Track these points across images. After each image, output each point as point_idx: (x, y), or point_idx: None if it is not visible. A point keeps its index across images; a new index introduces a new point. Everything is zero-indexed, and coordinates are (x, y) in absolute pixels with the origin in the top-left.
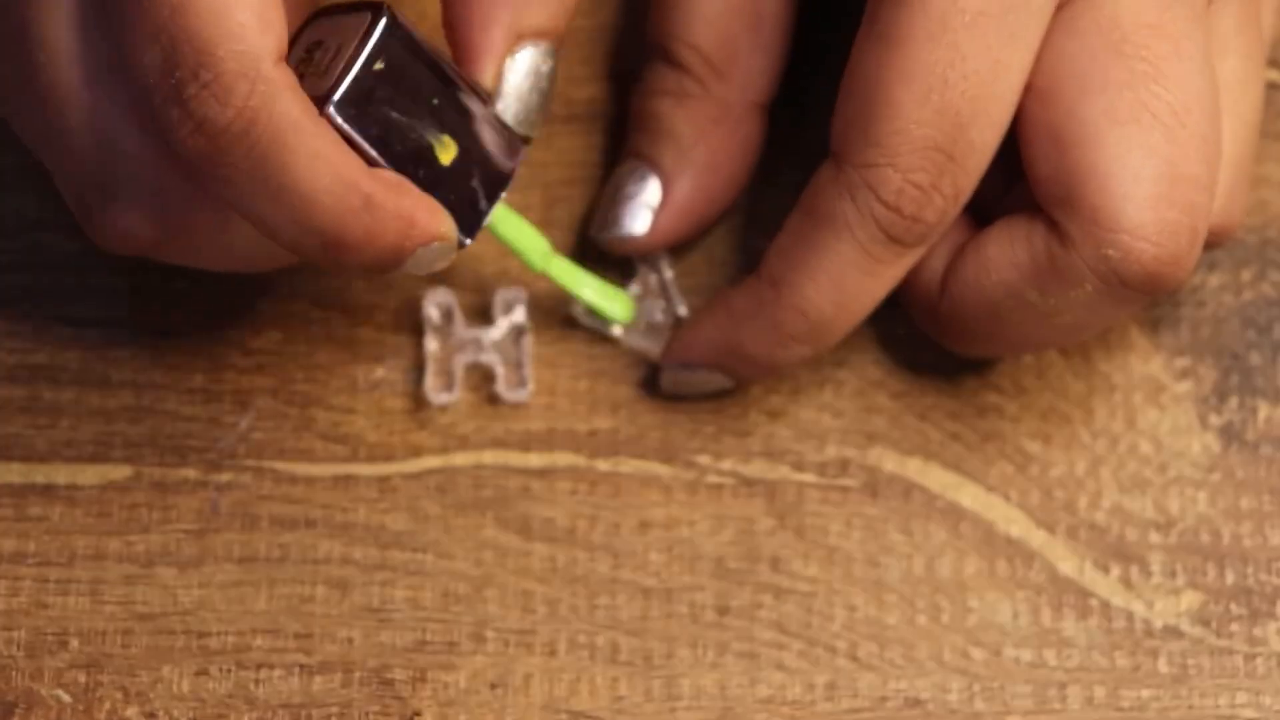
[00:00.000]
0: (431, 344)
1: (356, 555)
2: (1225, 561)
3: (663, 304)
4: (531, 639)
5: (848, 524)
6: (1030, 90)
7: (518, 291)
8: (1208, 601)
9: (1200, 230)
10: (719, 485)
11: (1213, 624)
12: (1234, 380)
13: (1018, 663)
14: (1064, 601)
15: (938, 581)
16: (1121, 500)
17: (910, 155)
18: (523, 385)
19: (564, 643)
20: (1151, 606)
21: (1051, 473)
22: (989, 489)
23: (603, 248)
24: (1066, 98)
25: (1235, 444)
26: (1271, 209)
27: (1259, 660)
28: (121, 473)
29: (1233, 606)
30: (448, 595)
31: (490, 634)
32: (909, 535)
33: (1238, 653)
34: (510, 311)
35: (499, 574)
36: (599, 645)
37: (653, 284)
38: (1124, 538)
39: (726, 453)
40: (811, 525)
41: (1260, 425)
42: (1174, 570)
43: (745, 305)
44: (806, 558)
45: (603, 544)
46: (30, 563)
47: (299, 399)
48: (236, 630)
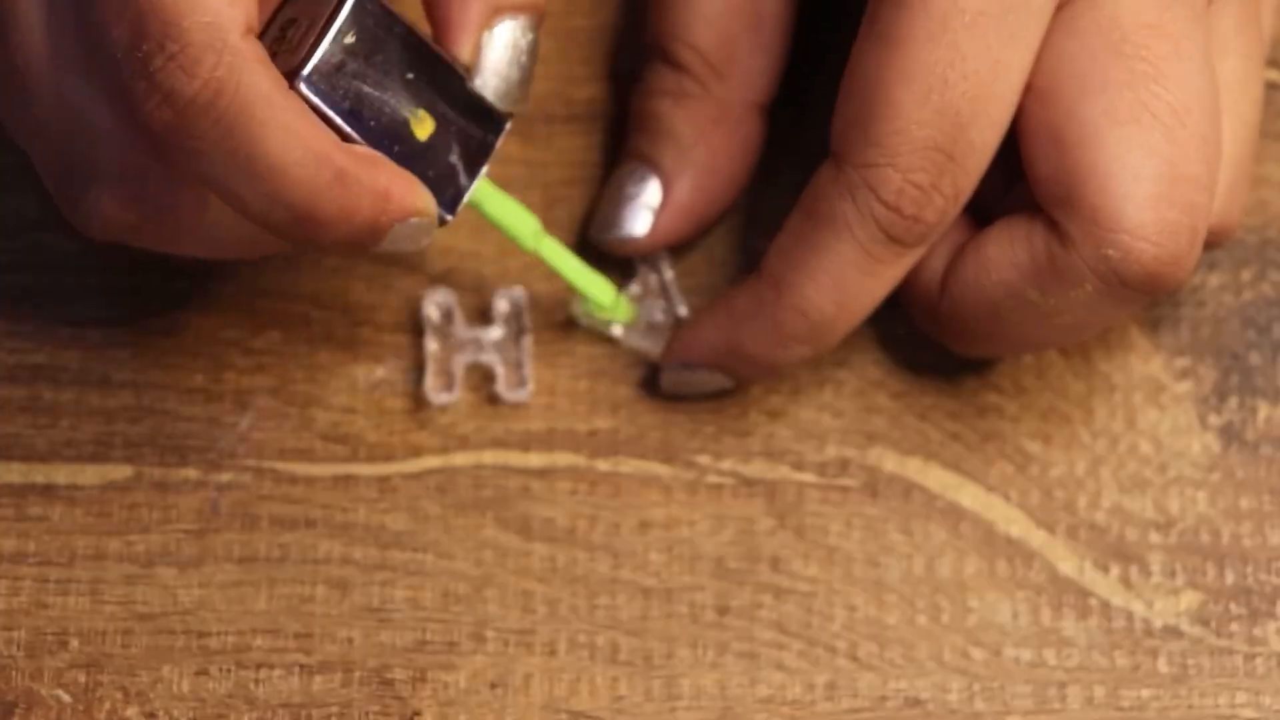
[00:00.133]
0: (431, 344)
1: (356, 555)
2: (1225, 561)
3: (663, 304)
4: (531, 639)
5: (848, 524)
6: (1030, 90)
7: (518, 291)
8: (1207, 601)
9: (1200, 230)
10: (719, 485)
11: (1212, 624)
12: (1234, 380)
13: (1018, 663)
14: (1064, 601)
15: (938, 581)
16: (1121, 500)
17: (910, 155)
18: (523, 385)
19: (564, 643)
20: (1151, 606)
21: (1051, 473)
22: (989, 489)
23: (603, 248)
24: (1066, 98)
25: (1235, 444)
26: (1271, 209)
27: (1259, 660)
28: (121, 473)
29: (1232, 606)
30: (448, 595)
31: (490, 634)
32: (909, 535)
33: (1237, 652)
34: (510, 311)
35: (499, 574)
36: (599, 645)
37: (653, 284)
38: (1124, 538)
39: (726, 453)
40: (811, 525)
41: (1260, 425)
42: (1174, 570)
43: (746, 305)
44: (806, 558)
45: (603, 544)
46: (30, 563)
47: (299, 399)
48: (236, 630)
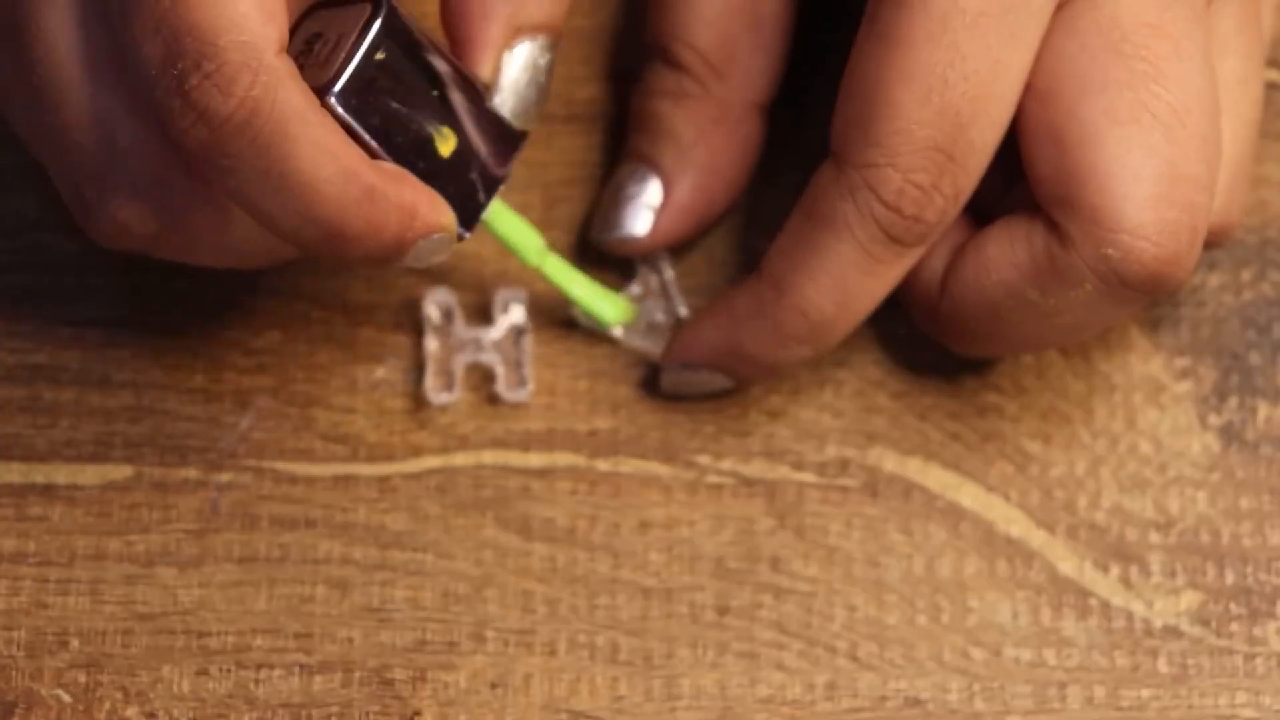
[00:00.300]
0: (431, 344)
1: (356, 555)
2: (1225, 561)
3: (663, 304)
4: (531, 639)
5: (848, 524)
6: (1030, 90)
7: (518, 291)
8: (1207, 601)
9: (1200, 230)
10: (719, 485)
11: (1212, 624)
12: (1234, 380)
13: (1018, 662)
14: (1064, 601)
15: (938, 581)
16: (1121, 500)
17: (911, 155)
18: (523, 385)
19: (564, 643)
20: (1151, 606)
21: (1051, 473)
22: (989, 489)
23: (603, 249)
24: (1066, 98)
25: (1235, 444)
26: (1271, 209)
27: (1259, 660)
28: (122, 473)
29: (1232, 606)
30: (448, 595)
31: (490, 634)
32: (909, 535)
33: (1237, 652)
34: (510, 311)
35: (499, 574)
36: (599, 645)
37: (653, 284)
38: (1124, 538)
39: (726, 453)
40: (811, 525)
41: (1260, 425)
42: (1174, 570)
43: (746, 306)
44: (806, 558)
45: (603, 544)
46: (30, 563)
47: (299, 399)
48: (236, 630)
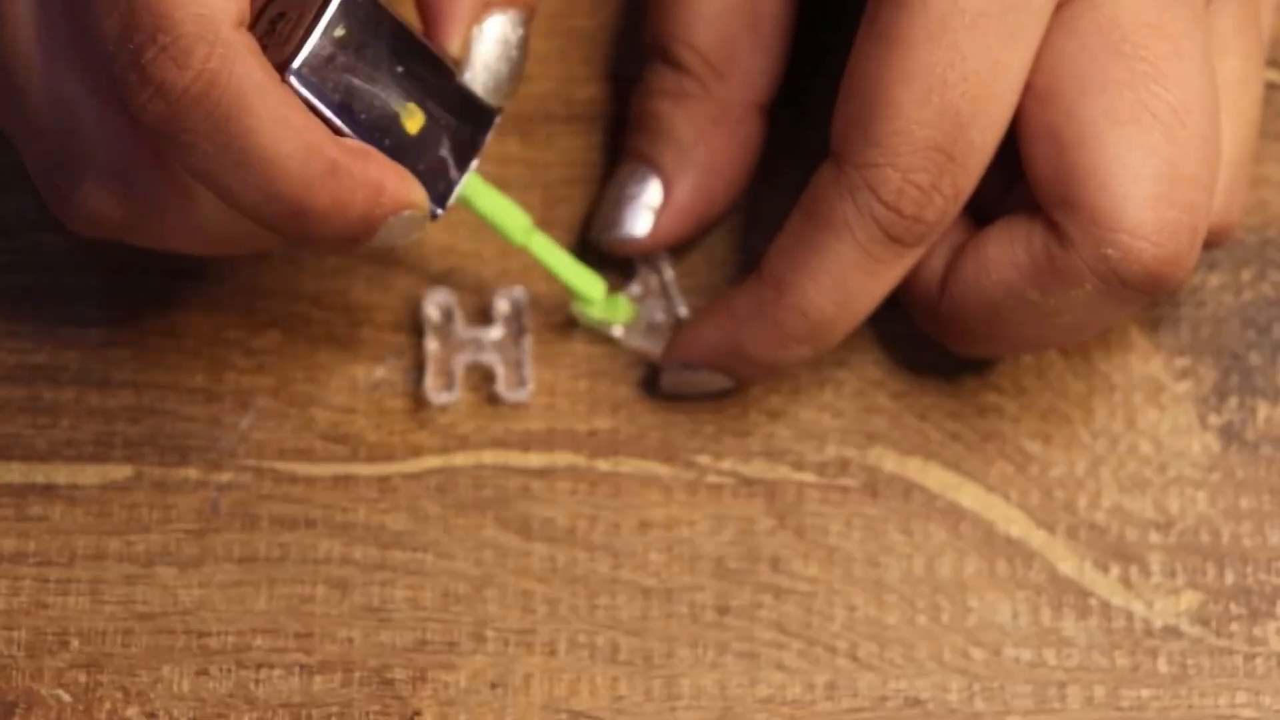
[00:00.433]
0: (431, 344)
1: (356, 555)
2: (1225, 561)
3: (663, 304)
4: (531, 639)
5: (848, 524)
6: (1030, 90)
7: (518, 291)
8: (1207, 601)
9: (1200, 229)
10: (719, 485)
11: (1212, 624)
12: (1234, 380)
13: (1018, 662)
14: (1064, 601)
15: (938, 581)
16: (1121, 500)
17: (910, 155)
18: (523, 385)
19: (564, 643)
20: (1151, 606)
21: (1051, 473)
22: (989, 489)
23: (603, 249)
24: (1066, 98)
25: (1235, 444)
26: (1271, 209)
27: (1259, 660)
28: (122, 472)
29: (1232, 606)
30: (448, 595)
31: (490, 634)
32: (909, 535)
33: (1237, 652)
34: (510, 311)
35: (499, 574)
36: (599, 645)
37: (653, 284)
38: (1124, 538)
39: (726, 453)
40: (811, 525)
41: (1260, 425)
42: (1174, 570)
43: (746, 306)
44: (806, 558)
45: (603, 544)
46: (30, 562)
47: (299, 399)
48: (236, 630)
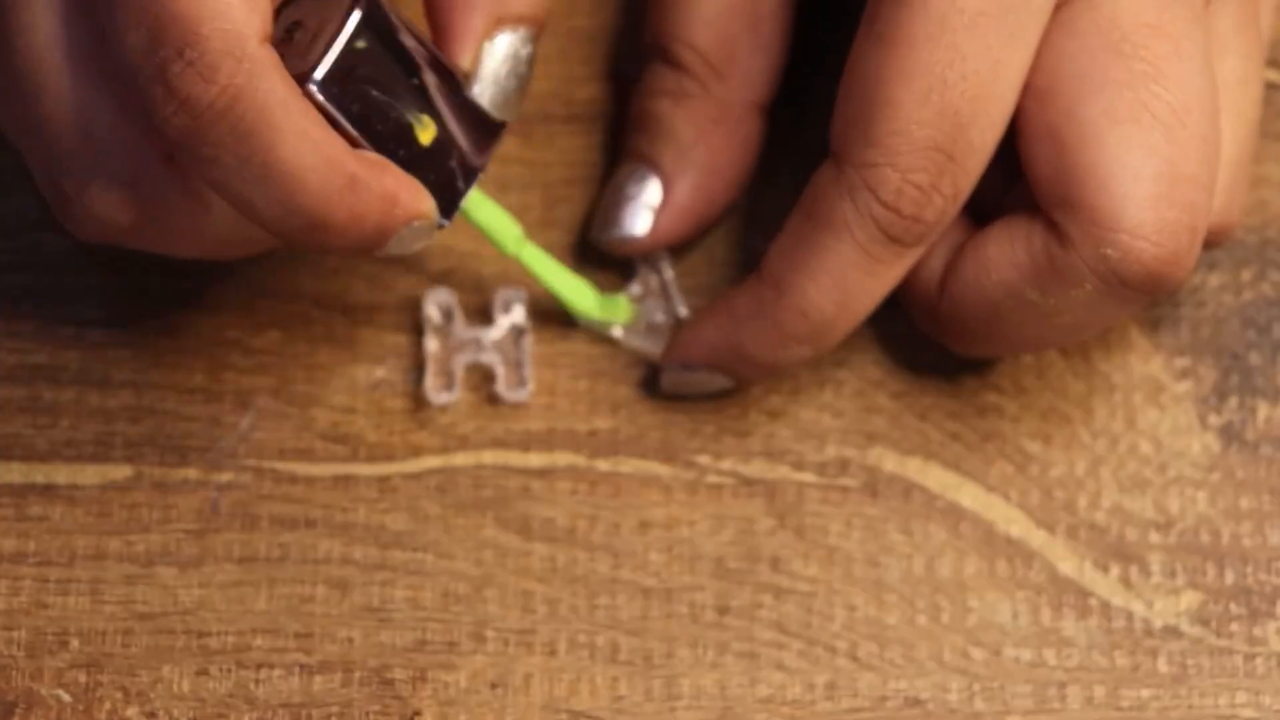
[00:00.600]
0: (431, 344)
1: (356, 555)
2: (1225, 561)
3: (663, 304)
4: (531, 639)
5: (848, 524)
6: (1029, 90)
7: (518, 291)
8: (1207, 601)
9: (1200, 229)
10: (719, 485)
11: (1212, 624)
12: (1234, 380)
13: (1018, 662)
14: (1064, 601)
15: (938, 581)
16: (1121, 500)
17: (910, 155)
18: (523, 385)
19: (564, 643)
20: (1151, 606)
21: (1051, 473)
22: (989, 489)
23: (603, 249)
24: (1066, 98)
25: (1235, 444)
26: (1271, 209)
27: (1259, 660)
28: (122, 472)
29: (1232, 606)
30: (448, 595)
31: (490, 634)
32: (909, 535)
33: (1237, 652)
34: (510, 311)
35: (499, 574)
36: (599, 645)
37: (653, 284)
38: (1124, 538)
39: (726, 453)
40: (811, 525)
41: (1260, 425)
42: (1174, 570)
43: (746, 306)
44: (806, 558)
45: (603, 544)
46: (30, 562)
47: (299, 399)
48: (236, 630)
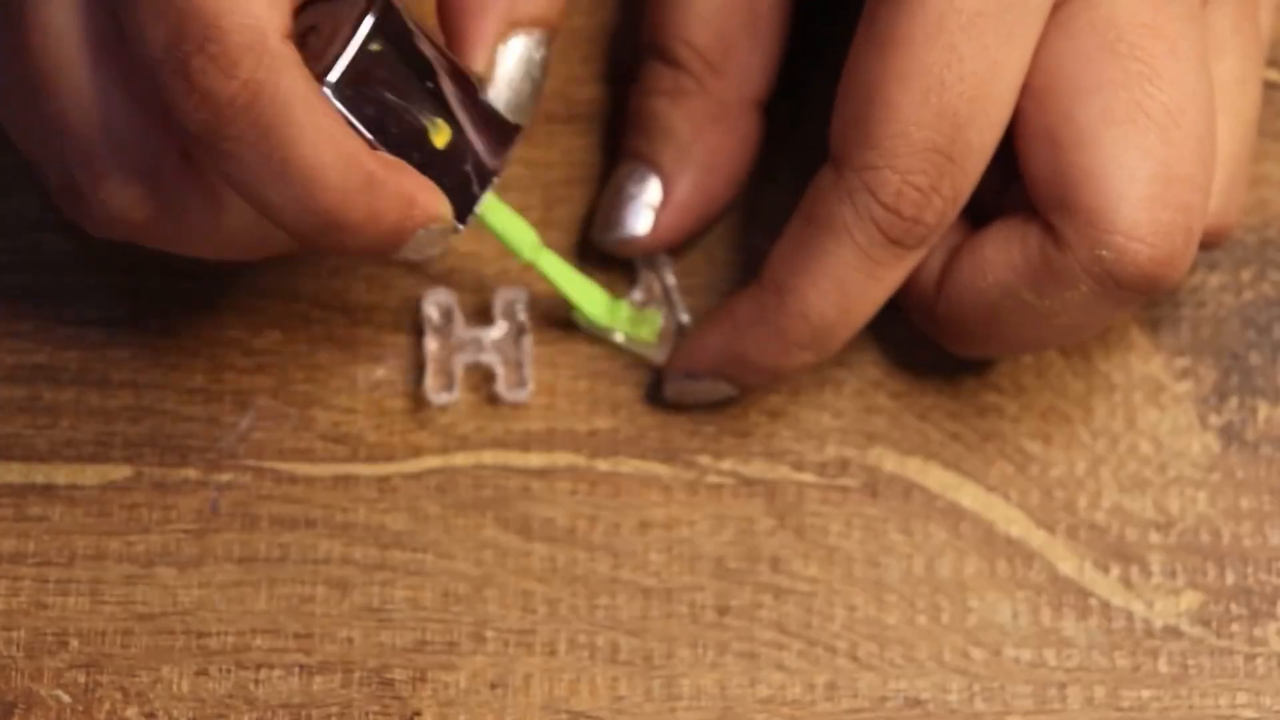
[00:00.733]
0: (431, 344)
1: (356, 555)
2: (1225, 561)
3: (665, 311)
4: (531, 639)
5: (848, 524)
6: (1027, 90)
7: (518, 291)
8: (1208, 601)
9: (1195, 230)
10: (719, 485)
11: (1213, 624)
12: (1234, 380)
13: (1018, 663)
14: (1064, 601)
15: (938, 581)
16: (1121, 500)
17: (909, 157)
18: (523, 385)
19: (564, 643)
20: (1151, 606)
21: (1051, 473)
22: (989, 489)
23: (605, 249)
24: (1062, 98)
25: (1235, 444)
26: (1271, 209)
27: (1259, 660)
28: (121, 473)
29: (1233, 606)
30: (448, 595)
31: (490, 634)
32: (909, 535)
33: (1238, 653)
34: (510, 311)
35: (499, 574)
36: (599, 645)
37: (655, 290)
38: (1124, 538)
39: (726, 453)
40: (811, 525)
41: (1260, 425)
42: (1174, 570)
43: (748, 313)
44: (806, 558)
45: (603, 544)
46: (30, 563)
47: (299, 399)
48: (236, 630)
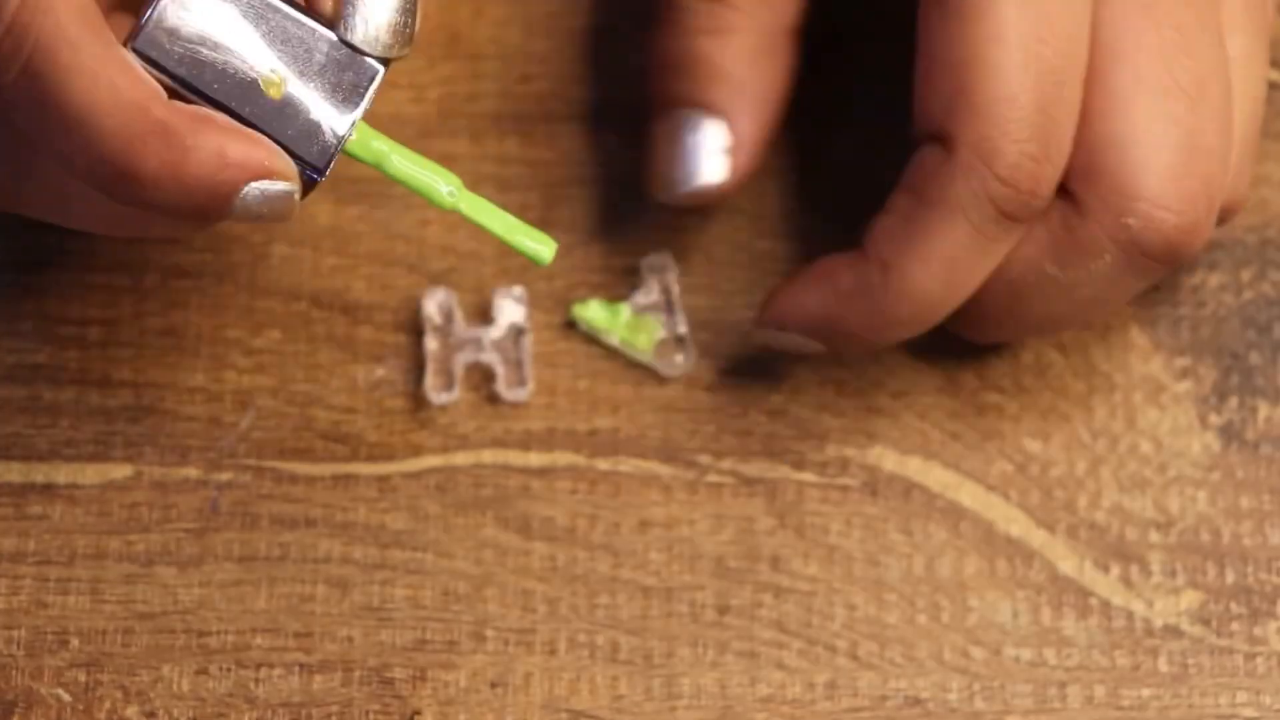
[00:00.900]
0: (431, 344)
1: (356, 555)
2: (1225, 561)
3: (665, 319)
4: (531, 638)
5: (848, 523)
6: None
7: (518, 291)
8: (1208, 601)
9: (1216, 201)
10: (719, 485)
11: (1213, 623)
12: (1234, 380)
13: (1018, 662)
14: (1064, 601)
15: (938, 581)
16: (1121, 500)
17: (1021, 123)
18: (523, 385)
19: (564, 642)
20: (1151, 606)
21: (1051, 472)
22: (989, 488)
23: (676, 204)
24: (1098, 61)
25: (1235, 444)
26: (1271, 209)
27: (1259, 659)
28: (122, 472)
29: (1233, 606)
30: (448, 594)
31: (490, 633)
32: (909, 535)
33: (1238, 652)
34: (510, 311)
35: (499, 573)
36: (599, 644)
37: (655, 296)
38: (1124, 537)
39: (726, 452)
40: (811, 525)
41: (1260, 425)
42: (1174, 569)
43: (850, 282)
44: (806, 557)
45: (603, 543)
46: (30, 562)
47: (299, 399)
48: (236, 629)
